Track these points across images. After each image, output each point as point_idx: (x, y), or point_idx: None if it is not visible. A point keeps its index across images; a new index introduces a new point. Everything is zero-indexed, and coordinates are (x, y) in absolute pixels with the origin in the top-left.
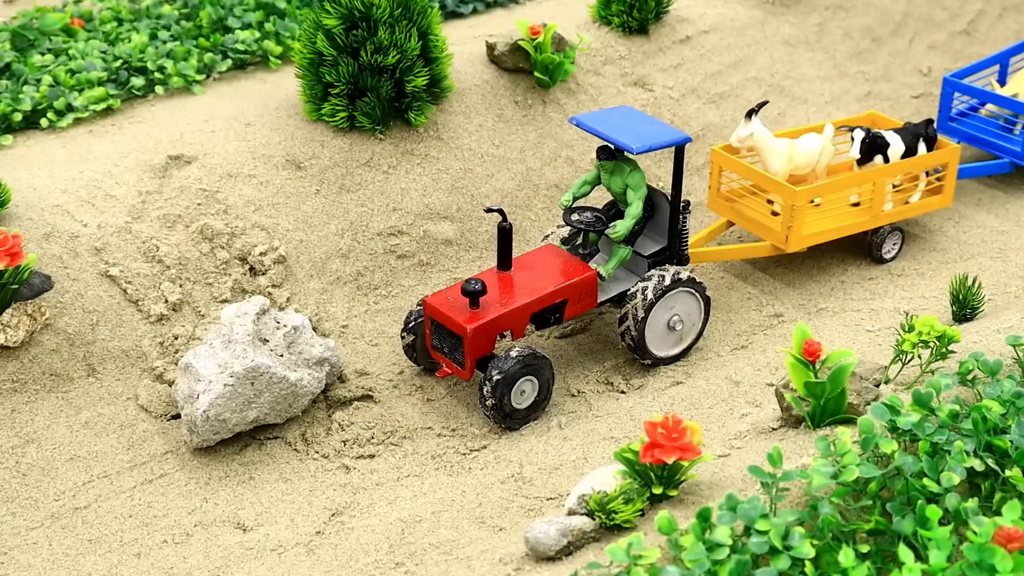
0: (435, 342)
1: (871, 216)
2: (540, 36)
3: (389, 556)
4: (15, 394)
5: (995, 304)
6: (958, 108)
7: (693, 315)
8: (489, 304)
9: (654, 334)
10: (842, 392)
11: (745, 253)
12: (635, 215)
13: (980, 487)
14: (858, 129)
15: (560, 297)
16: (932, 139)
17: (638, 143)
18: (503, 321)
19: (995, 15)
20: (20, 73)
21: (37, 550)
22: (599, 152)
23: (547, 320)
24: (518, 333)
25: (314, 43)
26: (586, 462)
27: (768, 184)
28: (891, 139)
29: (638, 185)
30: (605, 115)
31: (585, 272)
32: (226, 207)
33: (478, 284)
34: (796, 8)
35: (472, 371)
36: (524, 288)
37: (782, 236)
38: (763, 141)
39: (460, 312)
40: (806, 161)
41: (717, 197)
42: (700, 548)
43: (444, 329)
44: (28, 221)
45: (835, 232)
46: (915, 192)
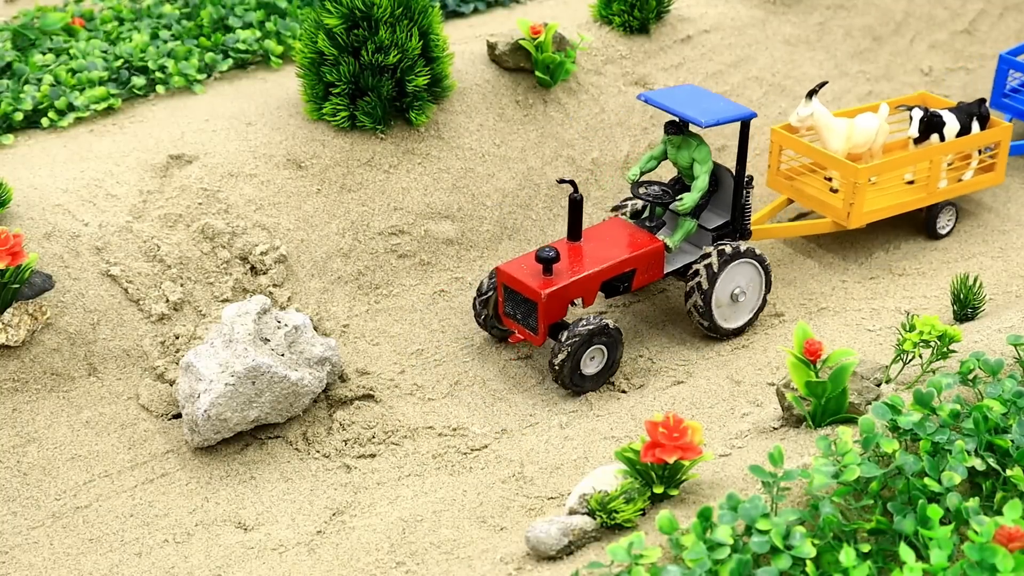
0: (508, 309)
1: (927, 193)
2: (541, 36)
3: (390, 555)
4: (16, 393)
5: (996, 304)
6: (1012, 85)
7: (755, 286)
8: (561, 271)
9: (720, 306)
10: (843, 391)
11: (806, 229)
12: (702, 188)
13: (981, 486)
14: (916, 108)
15: (629, 266)
16: (985, 118)
17: (706, 117)
18: (575, 288)
19: (996, 14)
20: (21, 72)
21: (38, 549)
22: (667, 127)
23: (616, 288)
24: (588, 300)
25: (315, 42)
26: (587, 461)
27: (831, 162)
28: (947, 118)
29: (704, 159)
30: (672, 92)
31: (653, 243)
32: (227, 206)
33: (552, 251)
34: (797, 7)
35: (545, 336)
36: (594, 257)
37: (843, 213)
38: (823, 120)
39: (534, 279)
40: (863, 140)
41: (777, 175)
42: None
43: (517, 296)
44: (29, 220)
45: (893, 209)
46: (968, 170)
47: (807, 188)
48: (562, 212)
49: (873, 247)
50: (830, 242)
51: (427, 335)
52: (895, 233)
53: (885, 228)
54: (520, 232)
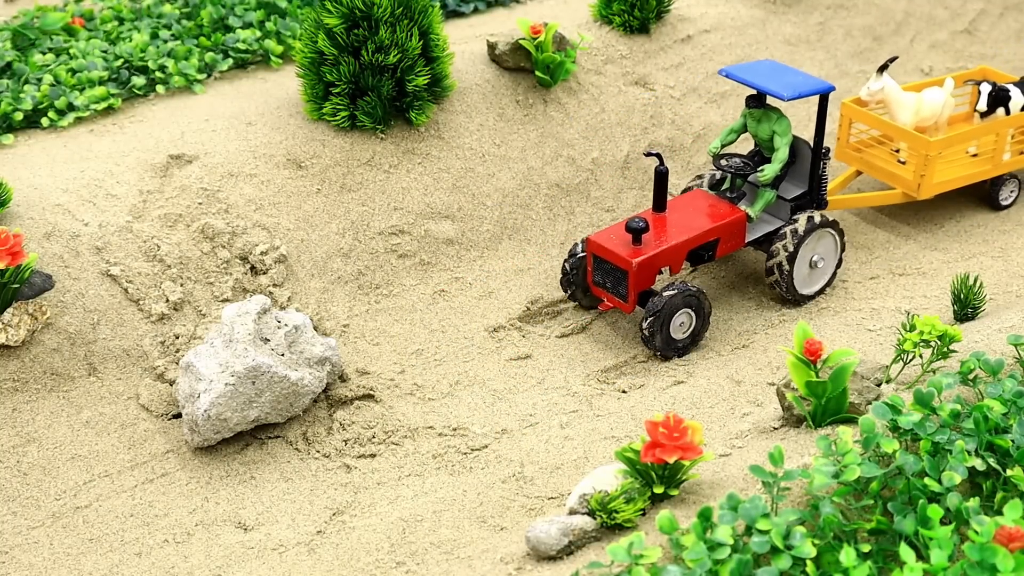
0: (597, 278)
1: (992, 165)
2: (541, 35)
3: (390, 555)
4: (16, 393)
5: (996, 303)
6: None
7: (832, 254)
8: (650, 241)
9: (800, 273)
10: (843, 391)
11: (878, 200)
12: (782, 159)
13: (981, 486)
14: (984, 83)
15: (713, 236)
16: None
17: (789, 91)
18: (663, 257)
19: (996, 14)
20: (21, 72)
21: (38, 549)
22: (748, 100)
23: (702, 257)
24: (676, 269)
25: (315, 42)
26: (587, 461)
27: (903, 135)
28: (1013, 92)
29: (785, 131)
30: (753, 67)
31: (735, 213)
32: (227, 206)
33: (642, 222)
34: (797, 7)
35: (635, 304)
36: (680, 227)
37: (914, 184)
38: (893, 95)
39: (624, 248)
40: (931, 113)
41: (846, 148)
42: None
43: (608, 265)
44: (29, 220)
45: (960, 180)
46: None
47: (876, 160)
48: (562, 212)
49: (873, 247)
50: None
51: (427, 335)
52: (896, 233)
53: (885, 227)
54: (520, 232)
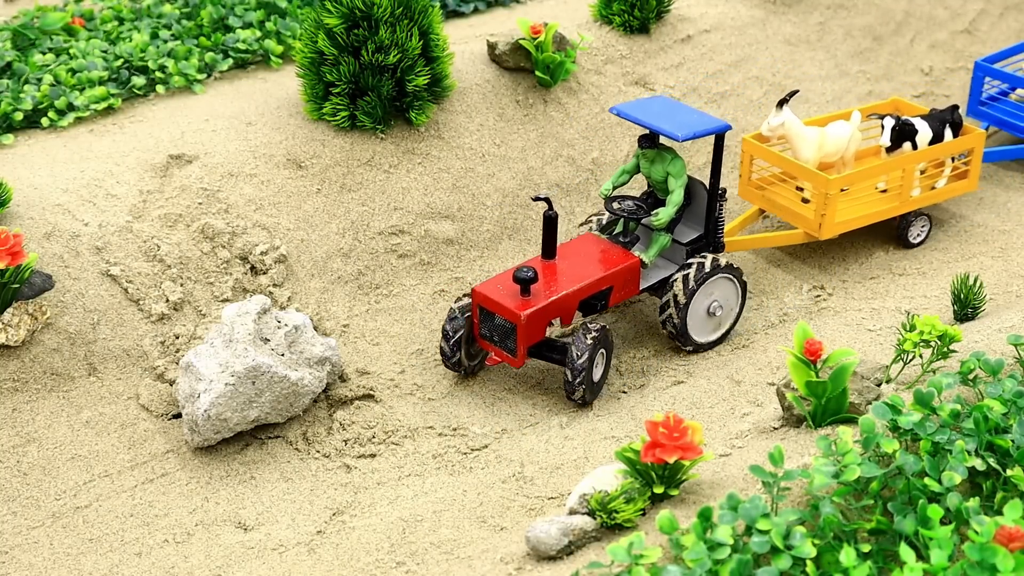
0: (484, 331)
1: (900, 202)
2: (541, 35)
3: (390, 555)
4: (16, 393)
5: (996, 303)
6: (989, 93)
7: (731, 301)
8: (539, 292)
9: (695, 320)
10: (843, 391)
11: (778, 241)
12: (677, 202)
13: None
14: (888, 117)
15: (606, 284)
16: (958, 125)
17: (683, 131)
18: (553, 308)
19: (996, 14)
20: (21, 72)
21: (38, 549)
22: (641, 141)
23: (594, 307)
24: (567, 320)
25: (315, 42)
26: (587, 461)
27: (802, 172)
28: (919, 126)
29: (679, 173)
30: (645, 104)
31: (629, 259)
32: (227, 206)
33: (530, 272)
34: (797, 7)
35: (524, 358)
36: (571, 276)
37: (815, 224)
38: (794, 130)
39: (512, 299)
40: (835, 148)
41: (748, 185)
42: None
43: (495, 317)
44: (29, 220)
45: (865, 219)
46: (941, 178)
47: (778, 198)
48: (561, 212)
49: (873, 247)
50: (830, 241)
51: (427, 335)
52: (895, 233)
53: (885, 227)
54: (520, 232)
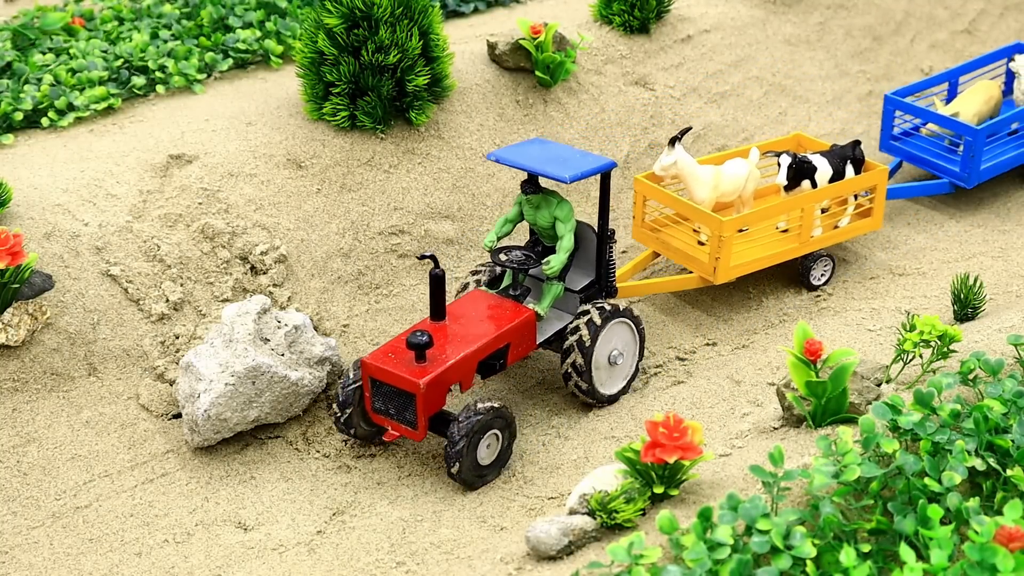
0: (377, 404)
1: (800, 243)
2: (541, 35)
3: (390, 555)
4: (16, 393)
5: (996, 303)
6: (901, 127)
7: (630, 347)
8: (436, 357)
9: (599, 371)
10: (843, 391)
11: (673, 285)
12: (568, 248)
13: (981, 486)
14: (784, 154)
15: (503, 342)
16: (860, 161)
17: (569, 172)
18: (452, 373)
19: (996, 14)
20: (21, 72)
21: (38, 549)
22: (524, 186)
23: (493, 367)
24: (467, 384)
25: (315, 42)
26: (587, 461)
27: (694, 214)
28: (818, 163)
29: (567, 217)
30: (522, 148)
31: (523, 313)
32: (227, 206)
33: (424, 336)
34: (797, 7)
35: (425, 430)
36: (466, 336)
37: (710, 267)
38: (687, 169)
39: (407, 367)
40: (732, 188)
41: (642, 227)
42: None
43: (389, 388)
44: (29, 220)
45: (764, 261)
46: (844, 216)
47: (673, 241)
48: None
49: (873, 247)
50: None
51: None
52: (895, 233)
53: (886, 228)
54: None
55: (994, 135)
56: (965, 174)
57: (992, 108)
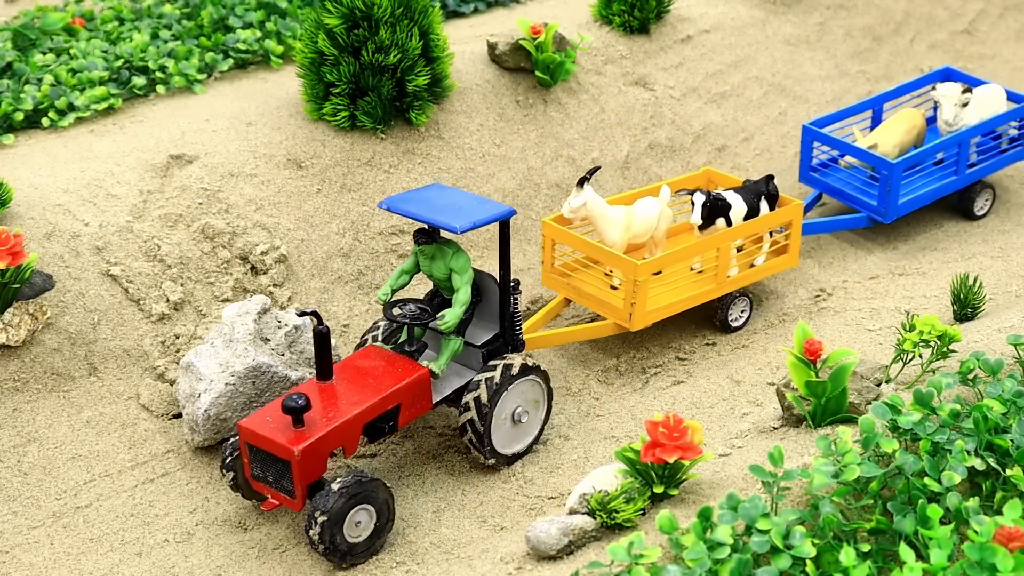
0: (256, 471)
1: (717, 284)
2: (541, 35)
3: (390, 555)
4: (16, 393)
5: (996, 303)
6: (819, 158)
7: (537, 404)
8: (315, 420)
9: (500, 430)
10: (843, 391)
11: (586, 334)
12: (464, 301)
13: (981, 486)
14: (698, 192)
15: (392, 402)
16: (774, 196)
17: (462, 222)
18: (333, 438)
19: (996, 14)
20: (22, 72)
21: (39, 549)
22: (416, 236)
23: (381, 430)
24: (351, 449)
25: (315, 42)
26: (587, 461)
27: (607, 257)
28: (732, 200)
29: (464, 268)
30: (417, 195)
31: (416, 371)
32: (227, 206)
33: (300, 399)
34: (797, 7)
35: (304, 500)
36: (351, 397)
37: (625, 313)
38: (597, 210)
39: (283, 432)
40: (644, 228)
41: (551, 273)
42: (701, 547)
43: (266, 454)
44: (29, 220)
45: (681, 304)
46: (760, 254)
47: (584, 286)
48: None
49: (873, 247)
50: (829, 241)
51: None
52: (895, 233)
53: (884, 228)
54: (520, 232)
55: (914, 167)
56: (882, 208)
57: (915, 138)
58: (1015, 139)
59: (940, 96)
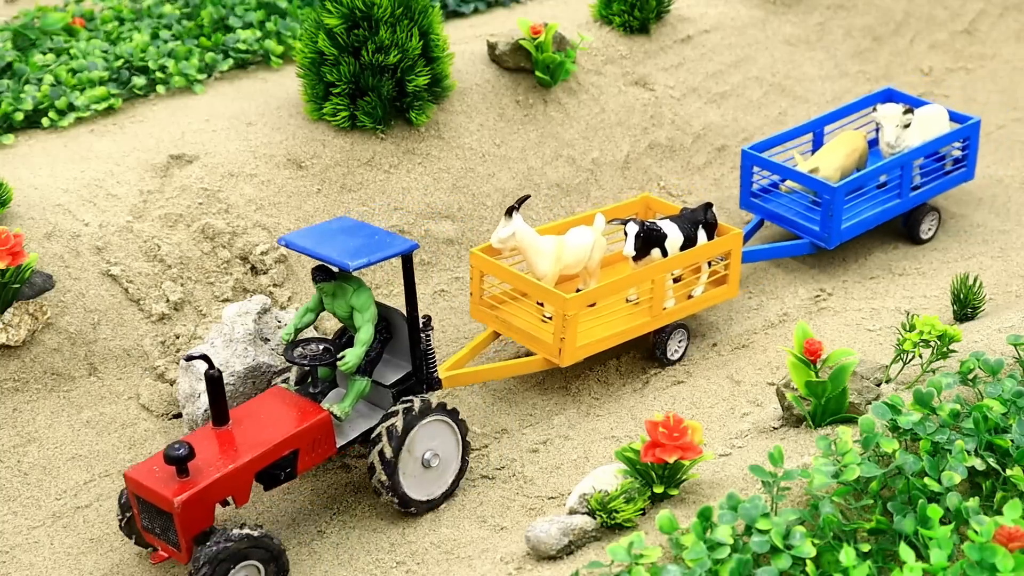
0: (144, 522)
1: (653, 316)
2: (541, 35)
3: (390, 555)
4: (17, 393)
5: (996, 303)
6: (760, 184)
7: (450, 449)
8: (201, 469)
9: (409, 474)
10: (843, 391)
11: (512, 370)
12: (365, 341)
13: (981, 486)
14: (631, 222)
15: (288, 448)
16: (712, 225)
17: (353, 258)
18: (220, 487)
19: (996, 14)
20: (22, 72)
21: (39, 549)
22: (314, 274)
23: (277, 477)
24: (241, 499)
25: (315, 42)
26: (587, 461)
27: (535, 290)
28: (668, 229)
29: (365, 306)
30: (320, 229)
31: (316, 415)
32: (227, 206)
33: (182, 448)
34: (797, 7)
35: (190, 552)
36: (243, 444)
37: (555, 348)
38: (527, 240)
39: (166, 483)
40: (577, 258)
41: (480, 305)
42: (701, 547)
43: (151, 506)
44: (30, 220)
45: (615, 338)
46: (698, 285)
47: (514, 319)
48: (562, 213)
49: (873, 247)
50: None
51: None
52: (895, 233)
53: (883, 229)
54: None
55: (856, 191)
56: (825, 234)
57: (857, 160)
58: (959, 160)
59: (881, 118)
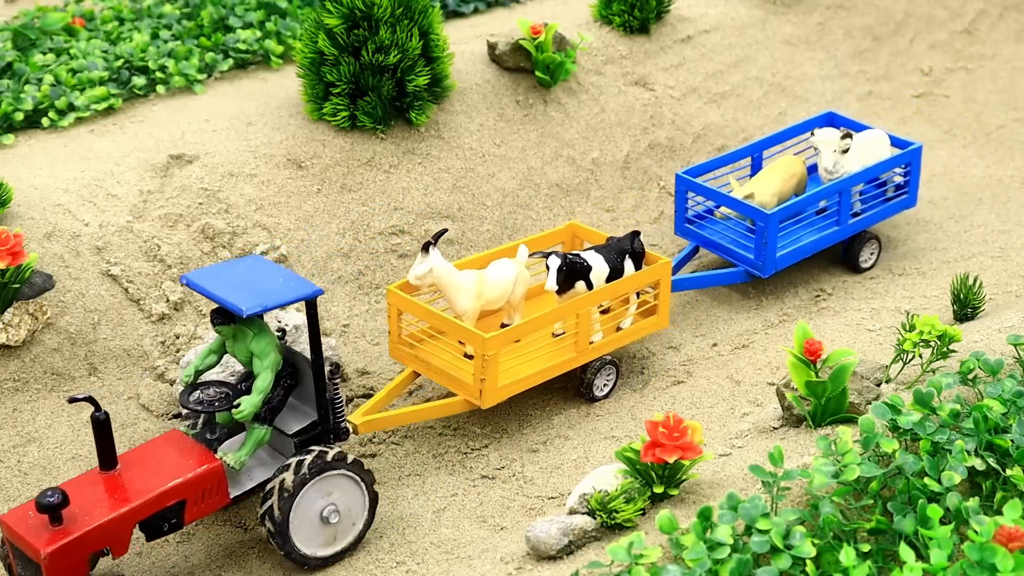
0: (19, 569)
1: (579, 351)
2: (541, 35)
3: (390, 555)
4: (17, 393)
5: (996, 303)
6: (695, 210)
7: (355, 506)
8: (77, 517)
9: (303, 528)
10: (843, 391)
11: (432, 413)
12: (262, 388)
13: (981, 486)
14: (553, 255)
15: (173, 498)
16: (640, 255)
17: (249, 303)
18: (95, 538)
19: (996, 14)
20: (22, 72)
21: None
22: (213, 316)
23: (160, 528)
24: (119, 549)
25: (315, 42)
26: (587, 461)
27: (454, 329)
28: (592, 260)
29: (265, 352)
30: (225, 269)
31: (207, 463)
32: (227, 206)
33: (55, 496)
34: (797, 7)
35: None
36: (126, 492)
37: (475, 390)
38: (445, 276)
39: (38, 532)
40: (499, 293)
41: (398, 344)
42: (701, 547)
43: (23, 554)
44: (30, 220)
45: (540, 376)
46: (627, 316)
47: (433, 359)
48: (562, 212)
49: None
50: None
51: None
52: (895, 233)
53: (884, 226)
54: (520, 232)
55: (793, 217)
56: (759, 262)
57: (795, 186)
58: (901, 187)
59: (819, 142)
